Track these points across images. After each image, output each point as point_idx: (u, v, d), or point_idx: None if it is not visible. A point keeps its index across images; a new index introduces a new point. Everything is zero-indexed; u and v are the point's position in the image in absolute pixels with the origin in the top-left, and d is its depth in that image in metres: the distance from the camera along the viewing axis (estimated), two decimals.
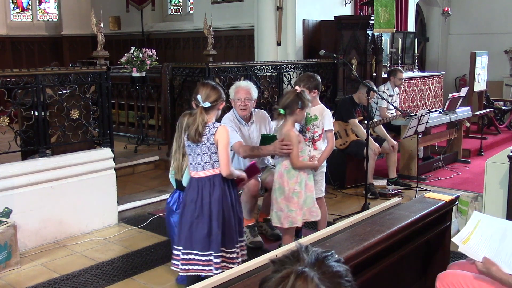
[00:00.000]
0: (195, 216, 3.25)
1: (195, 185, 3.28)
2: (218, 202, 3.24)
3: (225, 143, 3.21)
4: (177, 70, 6.68)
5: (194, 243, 3.26)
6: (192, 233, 3.25)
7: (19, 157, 4.98)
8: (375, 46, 7.80)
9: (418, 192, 5.91)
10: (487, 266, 2.23)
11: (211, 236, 3.23)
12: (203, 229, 3.23)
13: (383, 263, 2.59)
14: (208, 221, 3.23)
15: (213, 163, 3.25)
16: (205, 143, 3.22)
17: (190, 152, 3.30)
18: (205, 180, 3.26)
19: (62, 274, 3.99)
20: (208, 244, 3.24)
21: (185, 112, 3.37)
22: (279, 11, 8.09)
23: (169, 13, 13.05)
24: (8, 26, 13.30)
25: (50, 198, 4.62)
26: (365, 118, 5.70)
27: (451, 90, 11.06)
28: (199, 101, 3.22)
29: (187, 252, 3.28)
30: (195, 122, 3.19)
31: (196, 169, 3.28)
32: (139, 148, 7.44)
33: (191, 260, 3.27)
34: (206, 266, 3.25)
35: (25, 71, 4.66)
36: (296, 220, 3.77)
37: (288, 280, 1.21)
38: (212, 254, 3.24)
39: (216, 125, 3.26)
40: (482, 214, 2.59)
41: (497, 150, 6.55)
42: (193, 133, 3.19)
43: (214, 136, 3.21)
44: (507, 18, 11.46)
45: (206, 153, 3.23)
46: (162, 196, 5.63)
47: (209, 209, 3.24)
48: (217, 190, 3.25)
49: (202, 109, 3.22)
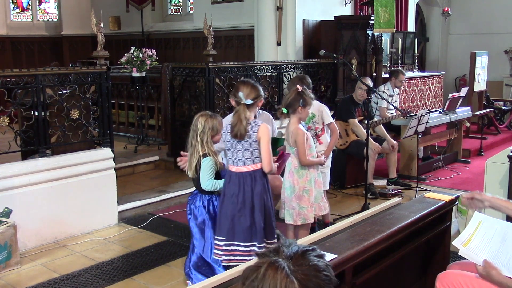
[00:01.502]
0: (237, 209, 3.35)
1: (236, 180, 3.37)
2: (260, 195, 3.36)
3: (266, 140, 3.32)
4: (177, 70, 6.68)
5: (236, 235, 3.36)
6: (234, 225, 3.36)
7: (19, 157, 4.98)
8: (375, 46, 7.80)
9: (418, 192, 5.91)
10: (487, 270, 2.23)
11: (254, 228, 3.35)
12: (246, 222, 3.34)
13: (383, 263, 2.59)
14: (251, 214, 3.34)
15: (254, 158, 3.36)
16: (248, 140, 3.33)
17: (229, 147, 3.41)
18: (246, 175, 3.36)
19: (62, 274, 3.99)
20: (250, 235, 3.35)
21: (202, 113, 3.48)
22: (279, 11, 8.09)
23: (169, 13, 13.04)
24: (8, 26, 13.30)
25: (50, 198, 4.62)
26: (365, 118, 5.70)
27: (451, 90, 11.06)
28: (241, 98, 3.32)
29: (230, 243, 3.39)
30: (240, 119, 3.30)
31: (236, 164, 3.38)
32: (139, 148, 7.44)
33: (234, 251, 3.38)
34: (248, 256, 3.34)
35: (25, 71, 4.66)
36: (308, 217, 3.87)
37: (260, 269, 1.28)
38: (255, 245, 3.35)
39: (258, 123, 3.37)
40: (483, 215, 2.58)
41: (497, 150, 6.55)
42: (241, 130, 3.29)
43: (257, 133, 3.32)
44: (507, 18, 11.46)
45: (248, 150, 3.34)
46: (162, 196, 5.64)
47: (251, 202, 3.35)
48: (259, 184, 3.36)
49: (245, 106, 3.32)
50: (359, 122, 6.00)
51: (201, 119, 3.43)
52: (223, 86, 6.25)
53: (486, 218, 2.53)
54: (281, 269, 1.27)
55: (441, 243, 3.15)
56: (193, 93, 6.28)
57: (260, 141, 3.32)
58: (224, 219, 3.40)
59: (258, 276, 1.27)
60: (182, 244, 4.58)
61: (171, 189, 5.85)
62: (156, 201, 5.58)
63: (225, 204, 3.41)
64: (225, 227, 3.39)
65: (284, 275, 1.26)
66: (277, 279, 1.26)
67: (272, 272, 1.27)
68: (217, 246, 3.46)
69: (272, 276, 1.26)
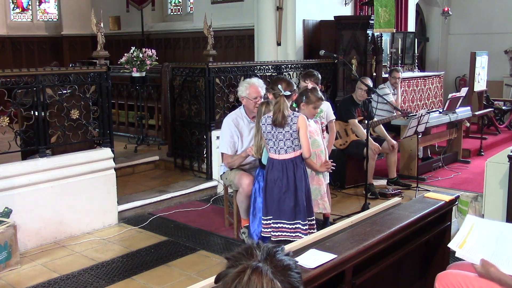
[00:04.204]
0: (283, 192, 3.74)
1: (279, 166, 3.75)
2: (301, 178, 3.76)
3: (305, 129, 3.72)
4: (177, 70, 6.68)
5: (282, 214, 3.76)
6: (280, 206, 3.76)
7: (19, 157, 4.98)
8: (375, 46, 7.79)
9: (418, 192, 5.91)
10: (486, 268, 2.23)
11: (298, 207, 3.75)
12: (291, 202, 3.74)
13: (383, 263, 2.59)
14: (294, 195, 3.74)
15: (295, 147, 3.73)
16: (288, 131, 3.68)
17: (270, 137, 3.76)
18: (289, 161, 3.74)
19: (62, 274, 4.00)
20: (294, 214, 3.75)
21: (263, 101, 4.03)
22: (279, 11, 8.09)
23: (169, 13, 13.04)
24: (8, 26, 13.30)
25: (50, 198, 4.62)
26: (365, 118, 5.71)
27: (451, 90, 11.06)
28: (280, 90, 3.69)
29: (277, 221, 3.79)
30: (280, 108, 3.66)
31: (278, 152, 3.75)
32: (139, 148, 7.44)
33: (280, 228, 3.78)
34: (293, 232, 3.74)
35: (25, 71, 4.66)
36: None
37: (243, 275, 1.30)
38: (300, 223, 3.75)
39: (296, 114, 3.74)
40: (475, 218, 2.59)
41: (497, 150, 6.55)
42: (280, 118, 3.65)
43: (297, 124, 3.68)
44: (507, 18, 11.46)
45: (289, 139, 3.70)
46: (162, 196, 5.63)
47: (294, 185, 3.73)
48: (300, 169, 3.76)
49: (284, 97, 3.68)
50: (359, 122, 6.00)
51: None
52: (223, 86, 6.24)
53: (478, 220, 2.54)
54: (264, 273, 1.30)
55: (441, 243, 3.15)
56: (193, 93, 6.27)
57: (299, 130, 3.69)
58: (270, 202, 3.80)
59: (242, 282, 1.29)
60: (182, 244, 4.58)
61: (171, 189, 5.84)
62: (156, 201, 5.57)
63: (269, 188, 3.80)
64: (272, 208, 3.79)
65: (268, 279, 1.29)
66: (263, 284, 1.29)
67: (257, 277, 1.29)
68: (265, 225, 3.85)
69: (257, 281, 1.29)
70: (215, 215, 5.35)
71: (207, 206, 5.66)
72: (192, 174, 6.34)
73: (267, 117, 3.77)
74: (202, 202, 5.77)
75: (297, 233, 3.74)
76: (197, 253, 4.40)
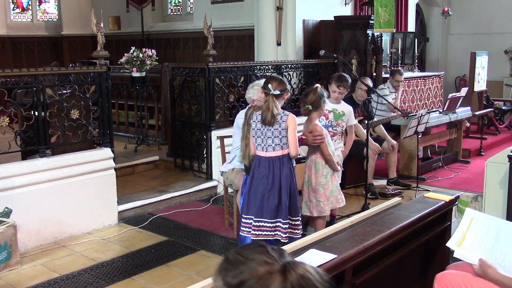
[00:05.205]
0: (267, 189, 3.71)
1: (265, 164, 3.74)
2: (287, 177, 3.73)
3: (294, 128, 3.71)
4: (177, 70, 6.67)
5: (264, 212, 3.72)
6: (263, 204, 3.72)
7: (19, 157, 4.98)
8: (375, 46, 7.79)
9: (418, 192, 5.91)
10: (484, 269, 2.24)
11: (280, 205, 3.71)
12: (274, 200, 3.70)
13: (383, 263, 2.59)
14: (279, 193, 3.71)
15: (283, 145, 3.73)
16: (277, 128, 3.69)
17: (259, 135, 3.76)
18: (275, 159, 3.73)
19: (62, 274, 4.00)
20: (276, 213, 3.71)
21: (250, 106, 4.02)
22: (279, 11, 8.09)
23: (169, 13, 13.04)
24: (8, 26, 13.30)
25: (50, 198, 4.62)
26: (365, 118, 5.71)
27: (451, 90, 11.06)
28: (270, 89, 3.70)
29: (258, 220, 3.74)
30: (269, 107, 3.68)
31: (266, 149, 3.74)
32: (139, 148, 7.44)
33: (261, 227, 3.74)
34: (273, 231, 3.72)
35: (25, 71, 4.66)
36: (324, 210, 4.17)
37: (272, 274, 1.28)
38: (280, 221, 3.71)
39: (286, 113, 3.75)
40: (474, 211, 2.58)
41: (497, 150, 6.55)
42: (269, 117, 3.66)
43: (286, 122, 3.69)
44: (507, 18, 11.45)
45: (277, 137, 3.71)
46: (162, 196, 5.63)
47: (279, 183, 3.71)
48: (286, 167, 3.74)
49: (273, 96, 3.69)
50: (359, 122, 6.00)
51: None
52: (223, 86, 6.24)
53: (477, 214, 2.54)
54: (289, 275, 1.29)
55: (441, 243, 3.14)
56: (193, 93, 6.27)
57: (288, 129, 3.70)
58: (253, 199, 3.76)
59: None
60: (182, 244, 4.58)
61: (171, 189, 5.84)
62: (156, 201, 5.57)
63: (254, 185, 3.77)
64: (254, 206, 3.75)
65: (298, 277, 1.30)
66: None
67: (281, 277, 1.28)
68: (245, 224, 3.80)
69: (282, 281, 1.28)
70: (215, 215, 5.35)
71: (207, 206, 5.66)
72: (192, 174, 6.34)
73: (258, 115, 3.78)
74: (202, 202, 5.78)
75: (276, 231, 3.72)
76: (197, 253, 4.40)
